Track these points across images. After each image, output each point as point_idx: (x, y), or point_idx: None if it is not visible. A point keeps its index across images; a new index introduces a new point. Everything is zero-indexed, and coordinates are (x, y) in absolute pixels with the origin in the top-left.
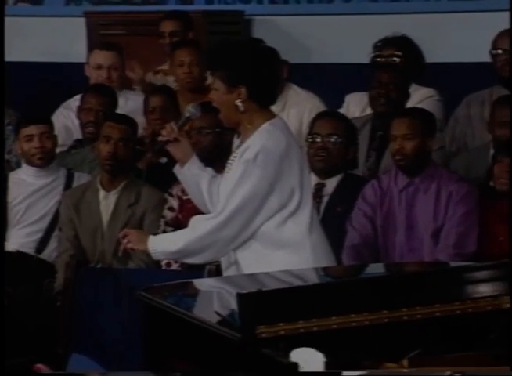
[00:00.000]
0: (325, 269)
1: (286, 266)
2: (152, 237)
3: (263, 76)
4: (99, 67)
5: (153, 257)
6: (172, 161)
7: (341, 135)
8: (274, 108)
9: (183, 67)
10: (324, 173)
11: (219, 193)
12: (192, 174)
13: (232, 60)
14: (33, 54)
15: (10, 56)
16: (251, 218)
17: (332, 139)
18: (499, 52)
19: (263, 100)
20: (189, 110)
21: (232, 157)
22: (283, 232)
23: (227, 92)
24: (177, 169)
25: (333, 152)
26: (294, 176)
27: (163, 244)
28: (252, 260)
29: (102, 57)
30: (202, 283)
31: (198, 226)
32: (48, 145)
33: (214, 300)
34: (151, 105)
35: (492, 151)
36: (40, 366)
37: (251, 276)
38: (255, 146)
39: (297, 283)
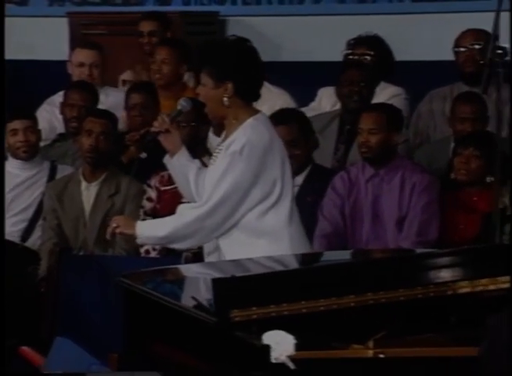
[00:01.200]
0: (298, 255)
1: (265, 255)
2: (139, 222)
3: (249, 73)
4: (81, 65)
5: (139, 242)
6: (152, 156)
7: (299, 139)
8: None
9: (155, 64)
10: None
11: (205, 183)
12: (180, 164)
13: (221, 57)
14: (18, 52)
15: None
16: (235, 208)
17: (293, 144)
18: (462, 49)
19: (248, 96)
20: (181, 103)
21: (217, 150)
22: (263, 222)
23: (214, 88)
24: (167, 159)
25: (297, 155)
26: (276, 169)
27: (150, 230)
28: (233, 248)
29: (83, 55)
30: (187, 269)
31: (185, 214)
32: (32, 139)
33: (191, 285)
34: (132, 101)
35: (452, 144)
36: (25, 348)
37: (235, 261)
38: (241, 140)
39: (277, 268)
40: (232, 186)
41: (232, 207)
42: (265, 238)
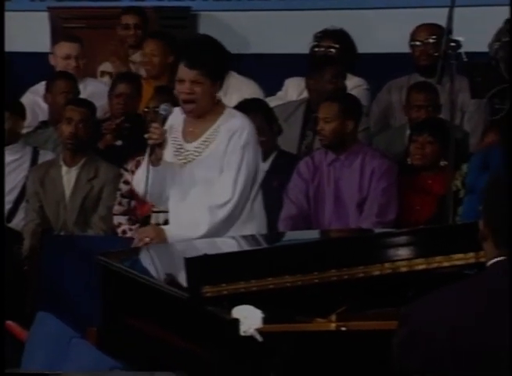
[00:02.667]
0: (265, 235)
1: None
2: (167, 228)
3: (228, 70)
4: (68, 57)
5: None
6: (127, 144)
7: (264, 127)
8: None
9: (145, 56)
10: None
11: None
12: (164, 168)
13: (217, 58)
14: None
15: None
16: (249, 196)
17: (258, 132)
18: (417, 43)
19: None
20: (164, 108)
21: (203, 138)
22: (254, 207)
23: (212, 85)
24: (152, 166)
25: (263, 142)
26: (260, 155)
27: (181, 232)
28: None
29: (67, 48)
30: (162, 248)
31: (216, 212)
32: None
33: (166, 263)
34: (118, 90)
35: (408, 131)
36: (9, 323)
37: (205, 240)
38: (244, 130)
39: (246, 247)
40: (248, 176)
41: (247, 195)
42: (253, 223)
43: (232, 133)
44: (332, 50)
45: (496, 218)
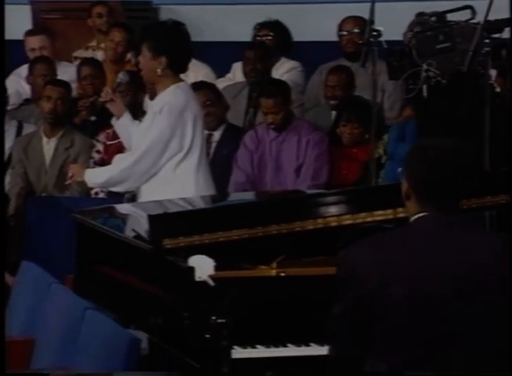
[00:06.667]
0: (216, 195)
1: (174, 197)
2: (87, 171)
3: (180, 51)
4: (33, 49)
5: (88, 185)
6: (99, 119)
7: (213, 99)
8: None
9: (111, 43)
10: (212, 127)
11: (133, 137)
12: (125, 125)
13: (159, 35)
14: None
15: None
16: (158, 158)
17: (208, 103)
18: (344, 33)
19: (177, 69)
20: (120, 76)
21: (151, 108)
22: (176, 171)
23: (151, 59)
24: (114, 122)
25: (212, 112)
26: (189, 126)
27: (94, 177)
28: (151, 193)
29: (33, 41)
30: (128, 207)
31: (118, 163)
32: None
33: (132, 220)
34: (83, 73)
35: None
36: None
37: (162, 201)
38: (161, 102)
39: (190, 207)
40: (155, 139)
41: (155, 156)
42: (176, 184)
43: (155, 103)
44: (269, 38)
45: (418, 179)
